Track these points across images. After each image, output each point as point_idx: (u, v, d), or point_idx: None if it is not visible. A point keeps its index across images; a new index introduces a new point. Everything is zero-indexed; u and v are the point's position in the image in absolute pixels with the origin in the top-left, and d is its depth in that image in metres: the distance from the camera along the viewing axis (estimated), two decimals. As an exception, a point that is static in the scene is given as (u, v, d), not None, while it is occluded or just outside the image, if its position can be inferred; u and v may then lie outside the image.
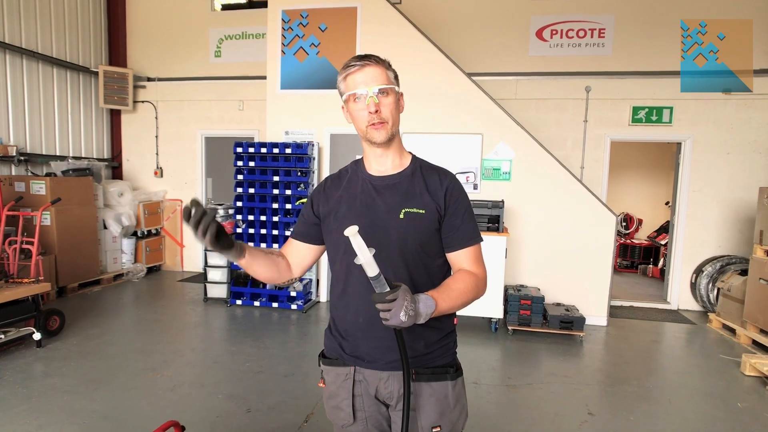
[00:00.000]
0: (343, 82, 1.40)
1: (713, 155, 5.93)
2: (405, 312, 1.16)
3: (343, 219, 1.42)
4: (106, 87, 7.17)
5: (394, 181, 1.44)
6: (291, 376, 3.78)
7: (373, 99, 1.34)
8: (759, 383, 3.88)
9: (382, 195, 1.42)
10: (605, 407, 3.46)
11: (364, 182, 1.46)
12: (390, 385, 1.42)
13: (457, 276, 1.39)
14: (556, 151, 5.74)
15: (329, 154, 5.91)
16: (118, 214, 6.72)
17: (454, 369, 1.46)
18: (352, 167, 1.54)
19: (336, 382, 1.48)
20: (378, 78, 1.36)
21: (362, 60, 1.37)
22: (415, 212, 1.39)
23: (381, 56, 1.41)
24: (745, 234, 5.89)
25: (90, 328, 4.73)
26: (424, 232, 1.39)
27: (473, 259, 1.43)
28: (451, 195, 1.42)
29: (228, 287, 5.74)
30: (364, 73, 1.36)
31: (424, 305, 1.22)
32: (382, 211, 1.40)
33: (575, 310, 5.03)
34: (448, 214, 1.41)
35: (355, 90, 1.36)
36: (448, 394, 1.44)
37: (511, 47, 6.28)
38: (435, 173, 1.46)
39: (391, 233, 1.38)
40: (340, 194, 1.47)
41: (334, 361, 1.50)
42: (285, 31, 5.86)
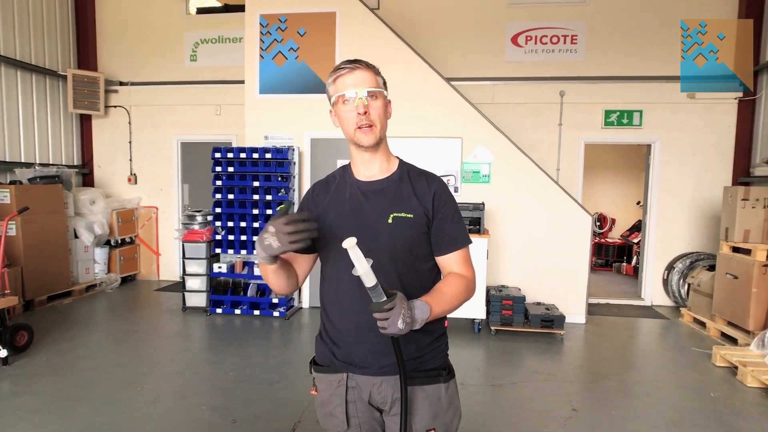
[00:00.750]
0: (333, 85, 1.41)
1: (680, 157, 6.17)
2: (402, 320, 1.18)
3: (332, 225, 1.43)
4: (76, 91, 6.95)
5: (382, 186, 1.45)
6: (276, 384, 3.73)
7: (362, 101, 1.35)
8: (729, 373, 4.05)
9: (371, 200, 1.43)
10: (588, 403, 3.54)
11: (352, 188, 1.46)
12: (383, 390, 1.42)
13: (448, 279, 1.42)
14: (533, 153, 5.87)
15: (310, 159, 5.88)
16: (90, 222, 6.52)
17: (446, 371, 1.48)
18: (340, 173, 1.54)
19: (329, 389, 1.47)
20: (367, 81, 1.37)
21: (352, 63, 1.38)
22: (404, 217, 1.39)
23: (372, 64, 1.42)
24: (711, 231, 6.14)
25: (61, 342, 4.55)
26: (413, 236, 1.41)
27: (462, 261, 1.45)
28: (439, 199, 1.44)
29: (207, 295, 5.63)
30: (354, 76, 1.37)
31: (419, 311, 1.25)
32: (370, 217, 1.41)
33: (555, 308, 5.14)
34: (436, 218, 1.43)
35: (345, 92, 1.37)
36: (442, 397, 1.45)
37: (488, 53, 6.40)
38: (422, 178, 1.48)
39: (381, 238, 1.38)
40: (329, 200, 1.47)
41: (326, 368, 1.49)
42: (263, 35, 5.81)
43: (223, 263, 5.64)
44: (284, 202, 1.24)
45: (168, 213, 7.31)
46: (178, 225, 7.10)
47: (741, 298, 4.67)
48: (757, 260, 4.52)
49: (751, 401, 3.55)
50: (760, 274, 4.49)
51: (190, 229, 5.76)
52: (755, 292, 4.49)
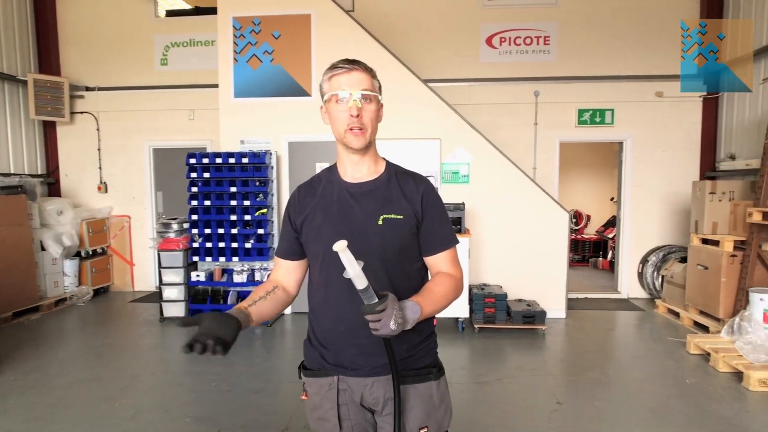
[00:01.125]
0: (327, 82, 1.39)
1: (651, 153, 6.37)
2: (394, 321, 1.19)
3: (320, 227, 1.41)
4: (38, 97, 6.68)
5: (371, 188, 1.44)
6: (261, 391, 3.66)
7: (356, 103, 1.34)
8: (702, 360, 4.20)
9: (360, 202, 1.42)
10: (572, 396, 3.61)
11: (339, 189, 1.45)
12: (375, 391, 1.42)
13: (437, 279, 1.43)
14: (510, 153, 5.95)
15: (288, 163, 5.81)
16: (57, 233, 6.26)
17: (436, 369, 1.49)
18: (326, 174, 1.52)
19: (320, 393, 1.46)
20: (363, 83, 1.36)
21: (351, 64, 1.37)
22: (394, 218, 1.40)
23: (370, 67, 1.42)
24: (682, 224, 6.36)
25: (30, 359, 4.34)
26: (403, 237, 1.41)
27: (450, 261, 1.47)
28: (427, 200, 1.45)
29: (186, 305, 5.49)
30: (351, 76, 1.36)
31: (411, 311, 1.26)
32: (360, 218, 1.40)
33: (536, 304, 5.22)
34: (425, 218, 1.44)
35: (339, 91, 1.35)
36: (433, 394, 1.45)
37: (464, 54, 6.47)
38: (410, 179, 1.48)
39: (371, 240, 1.38)
40: (315, 202, 1.45)
41: (315, 372, 1.48)
42: (237, 38, 5.72)
43: (201, 271, 5.51)
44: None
45: (141, 222, 7.10)
46: (152, 234, 6.90)
47: (711, 287, 4.85)
48: (725, 251, 4.70)
49: (724, 385, 3.69)
50: (728, 264, 4.67)
51: (165, 238, 5.61)
52: (724, 282, 4.67)
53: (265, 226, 5.45)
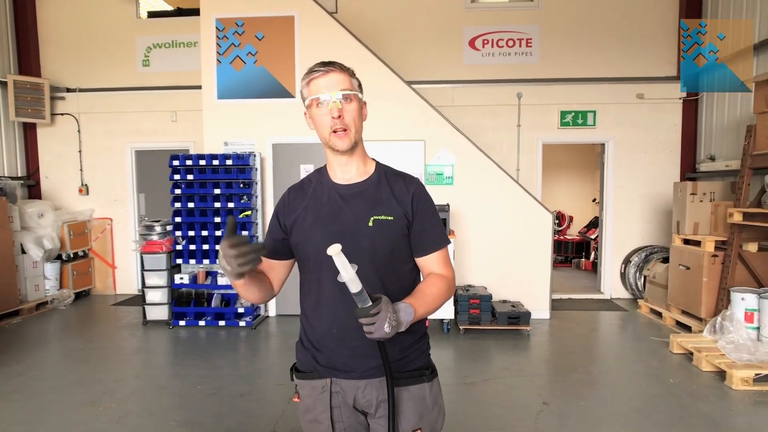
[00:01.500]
0: (306, 87, 1.39)
1: (633, 154, 6.47)
2: (388, 323, 1.19)
3: (311, 229, 1.41)
4: (18, 98, 6.55)
5: (361, 189, 1.44)
6: (247, 395, 3.63)
7: (336, 104, 1.34)
8: (685, 359, 4.26)
9: (350, 203, 1.42)
10: (558, 395, 3.64)
11: (329, 191, 1.45)
12: (368, 393, 1.41)
13: (429, 280, 1.42)
14: (494, 155, 6.00)
15: (272, 164, 5.78)
16: (38, 236, 6.14)
17: (429, 371, 1.48)
18: (316, 176, 1.52)
19: (312, 396, 1.45)
20: (342, 84, 1.36)
21: (326, 66, 1.37)
22: (384, 219, 1.39)
23: (347, 67, 1.41)
24: (663, 225, 6.47)
25: (11, 364, 4.26)
26: (394, 238, 1.40)
27: (442, 262, 1.46)
28: (418, 200, 1.44)
29: (169, 308, 5.42)
30: (328, 78, 1.35)
31: (404, 314, 1.25)
32: (350, 220, 1.39)
33: (521, 305, 5.26)
34: (416, 219, 1.43)
35: (319, 95, 1.35)
36: (426, 396, 1.45)
37: (447, 56, 6.51)
38: (400, 179, 1.48)
39: (361, 241, 1.37)
40: (306, 204, 1.45)
41: (308, 374, 1.47)
42: (220, 39, 5.67)
43: (184, 274, 5.44)
44: (229, 217, 1.19)
45: (123, 224, 7.00)
46: (134, 236, 6.80)
47: (693, 287, 4.93)
48: (707, 251, 4.79)
49: (707, 384, 3.75)
50: (709, 264, 4.76)
51: (148, 240, 5.53)
52: (706, 281, 4.76)
53: (250, 228, 5.41)
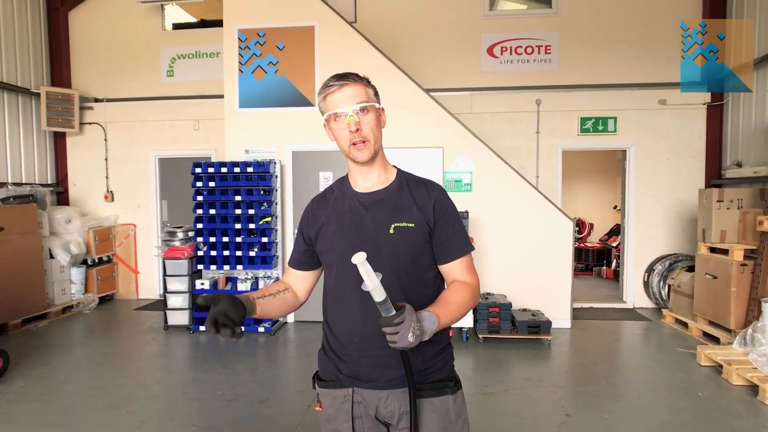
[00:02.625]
0: (323, 102, 1.40)
1: (655, 161, 6.34)
2: (412, 333, 1.17)
3: (333, 238, 1.42)
4: (50, 109, 6.78)
5: (382, 197, 1.44)
6: (266, 401, 3.65)
7: (353, 118, 1.35)
8: (714, 372, 4.13)
9: (371, 211, 1.42)
10: (580, 407, 3.56)
11: (351, 200, 1.45)
12: (390, 404, 1.40)
13: (453, 288, 1.41)
14: (513, 161, 5.96)
15: (292, 172, 5.84)
16: (65, 242, 6.32)
17: (453, 382, 1.45)
18: (338, 185, 1.53)
19: (334, 405, 1.45)
20: (357, 96, 1.36)
21: (341, 79, 1.37)
22: (405, 226, 1.39)
23: (361, 76, 1.41)
24: (688, 233, 6.31)
25: (38, 366, 4.37)
26: (415, 245, 1.40)
27: (466, 269, 1.45)
28: (440, 207, 1.43)
29: (190, 313, 5.50)
30: (344, 92, 1.36)
31: (428, 322, 1.24)
32: (371, 228, 1.40)
33: (541, 314, 5.18)
34: (438, 226, 1.42)
35: (336, 110, 1.36)
36: (450, 409, 1.42)
37: (465, 64, 6.51)
38: (422, 186, 1.47)
39: (383, 249, 1.37)
40: (328, 213, 1.46)
41: (330, 383, 1.46)
42: (242, 49, 5.79)
43: (205, 279, 5.52)
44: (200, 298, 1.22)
45: (146, 230, 7.15)
46: (157, 242, 6.95)
47: (721, 297, 4.79)
48: (735, 260, 4.65)
49: (738, 399, 3.62)
50: (738, 273, 4.61)
51: (170, 246, 5.64)
52: (734, 291, 4.61)
53: (269, 234, 5.47)
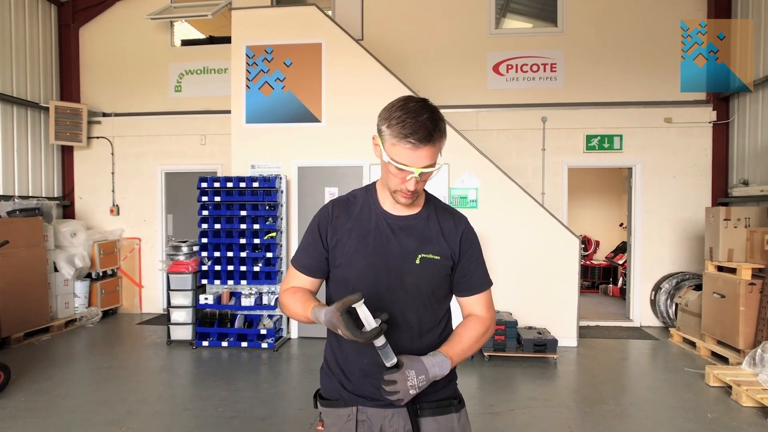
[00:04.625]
0: (391, 145, 1.27)
1: (661, 178, 6.33)
2: (413, 387, 1.22)
3: (354, 254, 1.38)
4: (58, 123, 6.87)
5: (411, 223, 1.41)
6: (269, 419, 3.60)
7: (415, 179, 1.28)
8: (723, 393, 4.05)
9: (398, 236, 1.39)
10: (587, 428, 3.50)
11: (378, 218, 1.41)
12: (395, 422, 1.39)
13: (469, 324, 1.42)
14: (518, 178, 5.96)
15: (297, 187, 5.86)
16: (70, 255, 6.33)
17: (457, 400, 1.46)
18: (363, 195, 1.47)
19: (337, 424, 1.43)
20: (428, 159, 1.27)
21: (422, 141, 1.24)
22: (431, 258, 1.38)
23: (441, 126, 1.29)
24: (695, 251, 6.26)
25: (40, 381, 4.34)
26: (438, 278, 1.40)
27: (485, 304, 1.46)
28: (466, 240, 1.44)
29: (193, 328, 5.47)
30: (418, 153, 1.25)
31: (439, 369, 1.28)
32: (397, 253, 1.38)
33: (547, 332, 5.13)
34: (462, 259, 1.42)
35: (401, 165, 1.27)
36: (454, 427, 1.42)
37: (471, 81, 6.56)
38: (449, 216, 1.46)
39: (406, 278, 1.37)
40: (350, 227, 1.41)
41: (333, 402, 1.44)
42: (249, 66, 5.86)
43: (209, 294, 5.50)
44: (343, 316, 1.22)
45: (151, 244, 7.16)
46: (162, 256, 6.95)
47: (729, 316, 4.73)
48: (743, 279, 4.60)
49: (748, 421, 3.55)
50: (746, 292, 4.56)
51: (175, 260, 5.63)
52: (743, 311, 4.55)
53: (274, 249, 5.46)
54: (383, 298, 1.36)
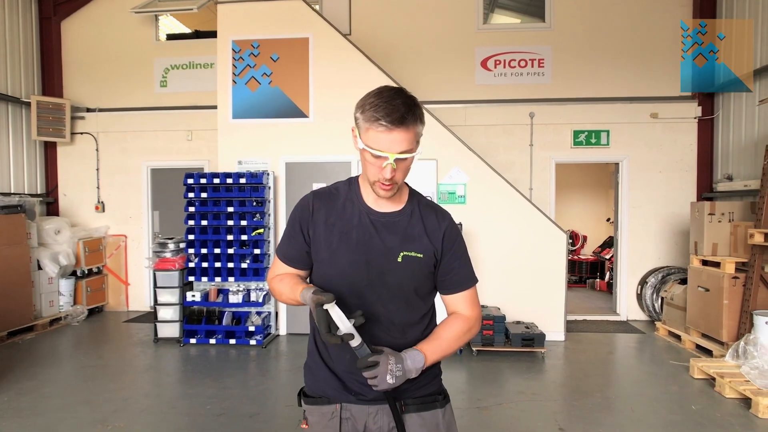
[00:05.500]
0: (365, 130, 1.26)
1: (648, 174, 6.39)
2: (391, 375, 1.22)
3: (336, 252, 1.36)
4: (40, 118, 6.73)
5: (395, 219, 1.39)
6: (256, 416, 3.58)
7: (391, 165, 1.24)
8: (707, 385, 4.11)
9: (381, 233, 1.37)
10: (574, 421, 3.53)
11: (361, 214, 1.39)
12: (379, 419, 1.39)
13: (449, 323, 1.41)
14: (507, 174, 5.97)
15: (285, 183, 5.82)
16: (54, 253, 6.23)
17: (442, 396, 1.46)
18: (345, 188, 1.44)
19: (321, 422, 1.42)
20: (403, 144, 1.24)
21: (395, 123, 1.22)
22: (414, 256, 1.37)
23: (416, 111, 1.26)
24: (680, 245, 6.34)
25: (23, 381, 4.27)
26: (420, 276, 1.39)
27: (469, 301, 1.45)
28: (449, 238, 1.42)
29: (180, 325, 5.42)
30: (392, 136, 1.23)
31: (411, 361, 1.28)
32: (379, 251, 1.36)
33: (535, 327, 5.16)
34: (445, 256, 1.41)
35: (375, 151, 1.24)
36: (439, 423, 1.42)
37: (459, 76, 6.56)
38: (433, 213, 1.44)
39: (387, 276, 1.36)
40: (333, 221, 1.38)
41: (317, 399, 1.44)
42: (236, 60, 5.79)
43: (196, 291, 5.46)
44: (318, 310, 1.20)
45: (137, 241, 7.07)
46: (148, 253, 6.87)
47: (713, 310, 4.80)
48: (727, 272, 4.66)
49: (731, 412, 3.61)
50: (730, 286, 4.63)
51: (161, 257, 5.57)
52: (727, 304, 4.62)
53: (262, 246, 5.42)
54: (365, 294, 1.35)
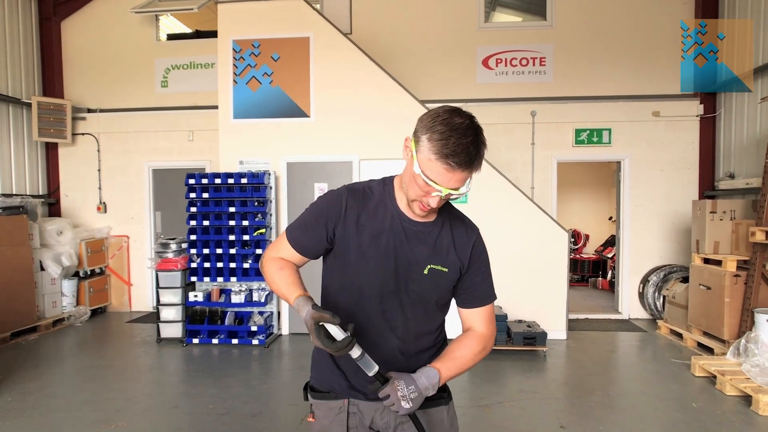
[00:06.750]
0: (428, 161, 1.21)
1: (649, 172, 6.38)
2: (405, 399, 1.24)
3: (365, 254, 1.34)
4: (41, 119, 6.75)
5: (426, 230, 1.38)
6: (259, 415, 3.59)
7: (440, 198, 1.25)
8: (708, 383, 4.12)
9: (411, 242, 1.36)
10: (575, 419, 3.54)
11: (393, 218, 1.37)
12: (386, 415, 1.41)
13: (464, 341, 1.41)
14: (508, 172, 5.97)
15: (286, 183, 5.83)
16: (57, 253, 6.25)
17: (446, 394, 1.49)
18: (379, 189, 1.40)
19: (329, 416, 1.44)
20: (459, 183, 1.23)
21: (461, 166, 1.19)
22: (439, 270, 1.38)
23: (483, 152, 1.24)
24: (682, 244, 6.33)
25: (27, 381, 4.29)
26: (443, 290, 1.41)
27: (486, 318, 1.45)
28: (476, 252, 1.43)
29: (183, 325, 5.43)
30: (452, 175, 1.21)
31: (426, 379, 1.29)
32: (407, 260, 1.36)
33: (536, 325, 5.16)
34: (469, 270, 1.42)
35: (432, 184, 1.22)
36: (444, 419, 1.46)
37: (460, 75, 6.55)
38: (462, 226, 1.44)
39: (411, 287, 1.37)
40: (364, 222, 1.36)
41: (325, 394, 1.46)
42: (236, 60, 5.80)
43: (199, 291, 5.47)
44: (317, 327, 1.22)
45: (140, 242, 7.09)
46: (150, 254, 6.89)
47: (715, 308, 4.80)
48: (728, 271, 4.66)
49: (732, 410, 3.61)
50: (731, 284, 4.63)
51: (164, 258, 5.58)
52: (728, 302, 4.62)
53: (264, 246, 5.43)
54: (387, 300, 1.37)
